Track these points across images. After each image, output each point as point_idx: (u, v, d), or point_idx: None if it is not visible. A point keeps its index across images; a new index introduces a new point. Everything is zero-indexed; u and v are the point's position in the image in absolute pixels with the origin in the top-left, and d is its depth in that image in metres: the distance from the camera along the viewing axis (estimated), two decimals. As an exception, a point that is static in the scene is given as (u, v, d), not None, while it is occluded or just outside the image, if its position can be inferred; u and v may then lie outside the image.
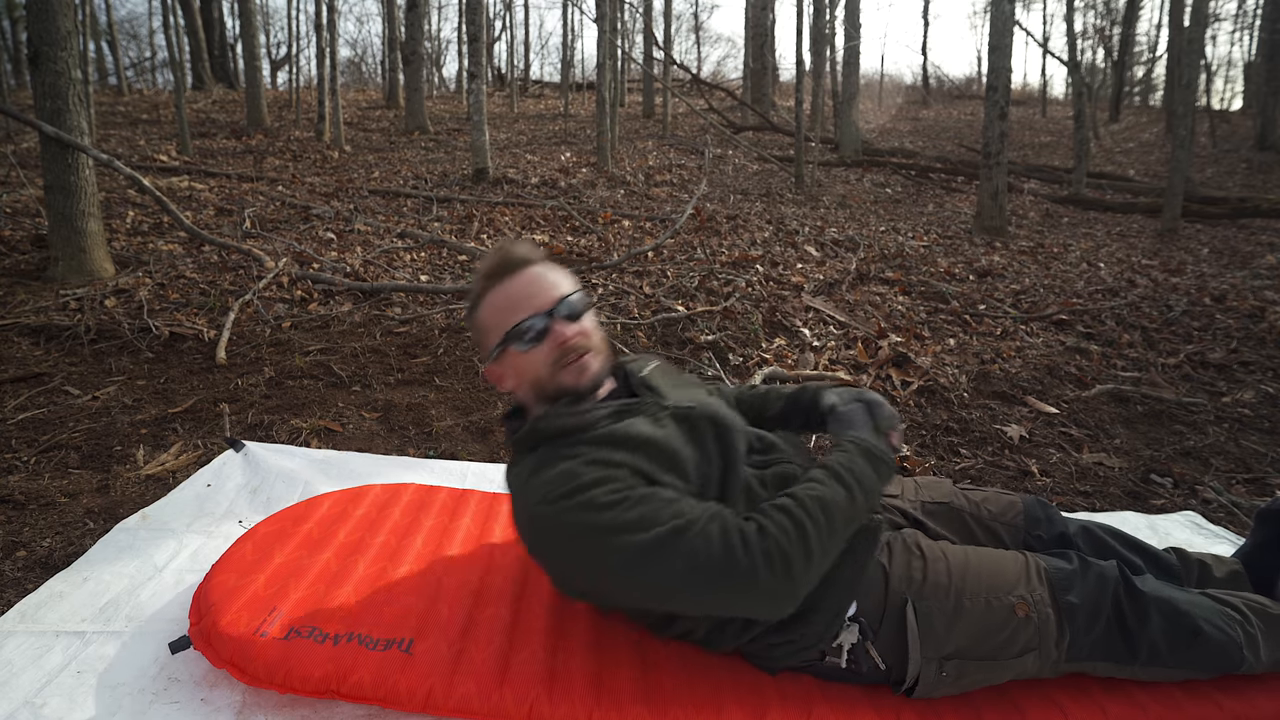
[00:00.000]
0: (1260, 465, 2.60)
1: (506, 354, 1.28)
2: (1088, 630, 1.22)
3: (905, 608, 1.20)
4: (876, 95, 26.35)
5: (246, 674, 1.22)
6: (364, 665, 1.22)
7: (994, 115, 7.24)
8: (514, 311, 1.27)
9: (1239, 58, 28.65)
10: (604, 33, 8.85)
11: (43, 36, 3.85)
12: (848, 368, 3.35)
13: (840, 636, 1.21)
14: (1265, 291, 5.06)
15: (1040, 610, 1.21)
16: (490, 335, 1.30)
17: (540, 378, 1.28)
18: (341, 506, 1.74)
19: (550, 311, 1.27)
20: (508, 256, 1.32)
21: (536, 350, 1.26)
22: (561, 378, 1.27)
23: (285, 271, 4.27)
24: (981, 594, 1.22)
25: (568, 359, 1.27)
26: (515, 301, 1.28)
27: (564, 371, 1.27)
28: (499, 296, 1.29)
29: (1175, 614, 1.23)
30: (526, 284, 1.29)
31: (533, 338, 1.26)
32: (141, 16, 41.94)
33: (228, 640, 1.26)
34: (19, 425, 2.50)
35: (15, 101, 11.44)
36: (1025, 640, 1.20)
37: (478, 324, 1.33)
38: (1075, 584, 1.24)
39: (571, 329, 1.27)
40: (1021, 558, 1.30)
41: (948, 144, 14.57)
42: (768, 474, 1.28)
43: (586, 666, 1.25)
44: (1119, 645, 1.23)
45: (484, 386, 3.05)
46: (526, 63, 24.57)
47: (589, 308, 1.35)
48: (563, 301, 1.28)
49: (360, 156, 9.78)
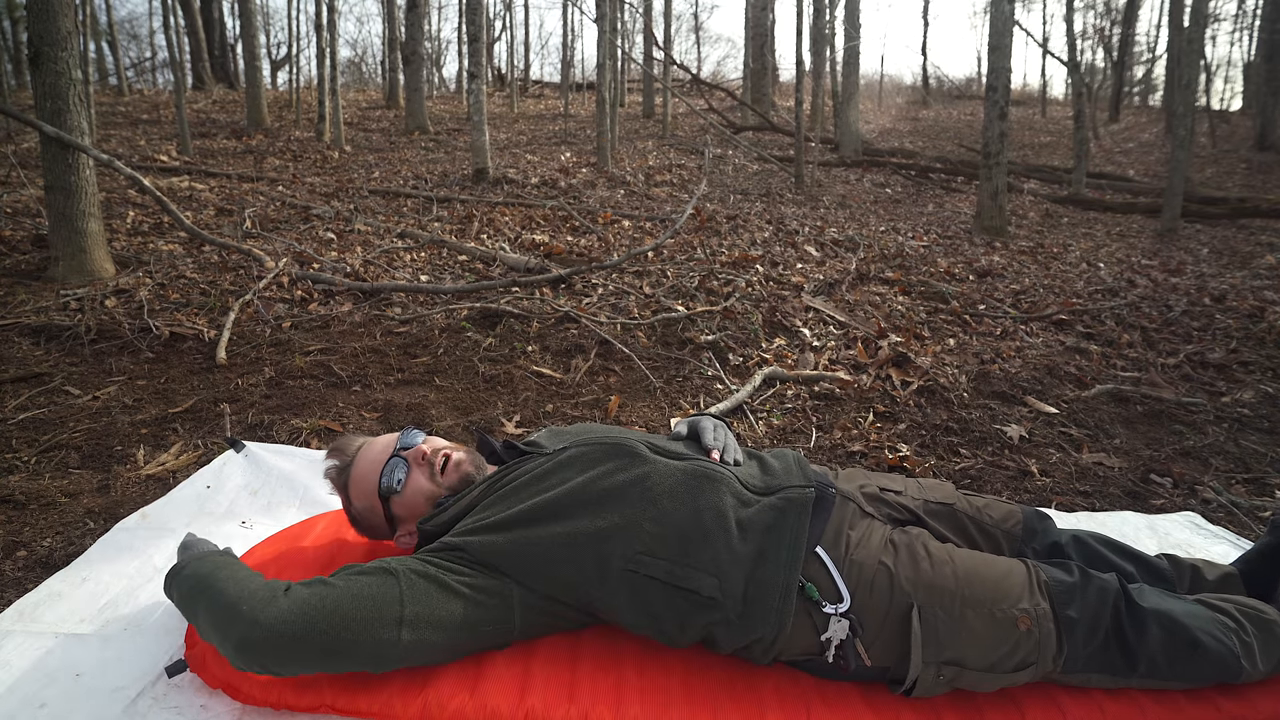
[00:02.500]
0: (1260, 465, 2.60)
1: (393, 510, 1.42)
2: (1085, 644, 1.21)
3: (911, 612, 1.19)
4: (876, 95, 26.34)
5: (241, 694, 1.22)
6: (358, 680, 1.21)
7: (994, 115, 7.24)
8: (372, 477, 1.42)
9: (1239, 58, 28.62)
10: (604, 33, 8.85)
11: (43, 36, 3.85)
12: (848, 368, 3.35)
13: (829, 630, 1.20)
14: (1265, 291, 5.06)
15: (1042, 625, 1.20)
16: (375, 512, 1.43)
17: (430, 496, 1.40)
18: (338, 525, 1.74)
19: (398, 449, 1.43)
20: (335, 456, 1.50)
21: (412, 486, 1.40)
22: (449, 479, 1.41)
23: (285, 271, 4.27)
24: (986, 604, 1.21)
25: (443, 465, 1.42)
26: (366, 473, 1.43)
27: (446, 475, 1.41)
28: (354, 481, 1.45)
29: (1174, 626, 1.22)
30: (364, 457, 1.46)
31: (400, 480, 1.40)
32: (141, 16, 41.95)
33: (222, 662, 1.25)
34: (19, 425, 2.50)
35: (15, 101, 11.43)
36: (1024, 654, 1.19)
37: (363, 516, 1.46)
38: (1076, 598, 1.22)
39: (416, 451, 1.42)
40: (1023, 568, 1.28)
41: (948, 144, 14.57)
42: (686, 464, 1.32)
43: (582, 670, 1.25)
44: (1117, 659, 1.22)
45: (484, 386, 3.05)
46: (526, 63, 24.57)
47: (421, 435, 1.48)
48: (404, 437, 1.45)
49: (360, 156, 9.78)
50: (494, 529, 1.24)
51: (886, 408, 2.95)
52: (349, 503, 1.47)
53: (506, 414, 2.78)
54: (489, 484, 1.35)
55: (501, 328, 3.70)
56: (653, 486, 1.25)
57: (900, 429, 2.77)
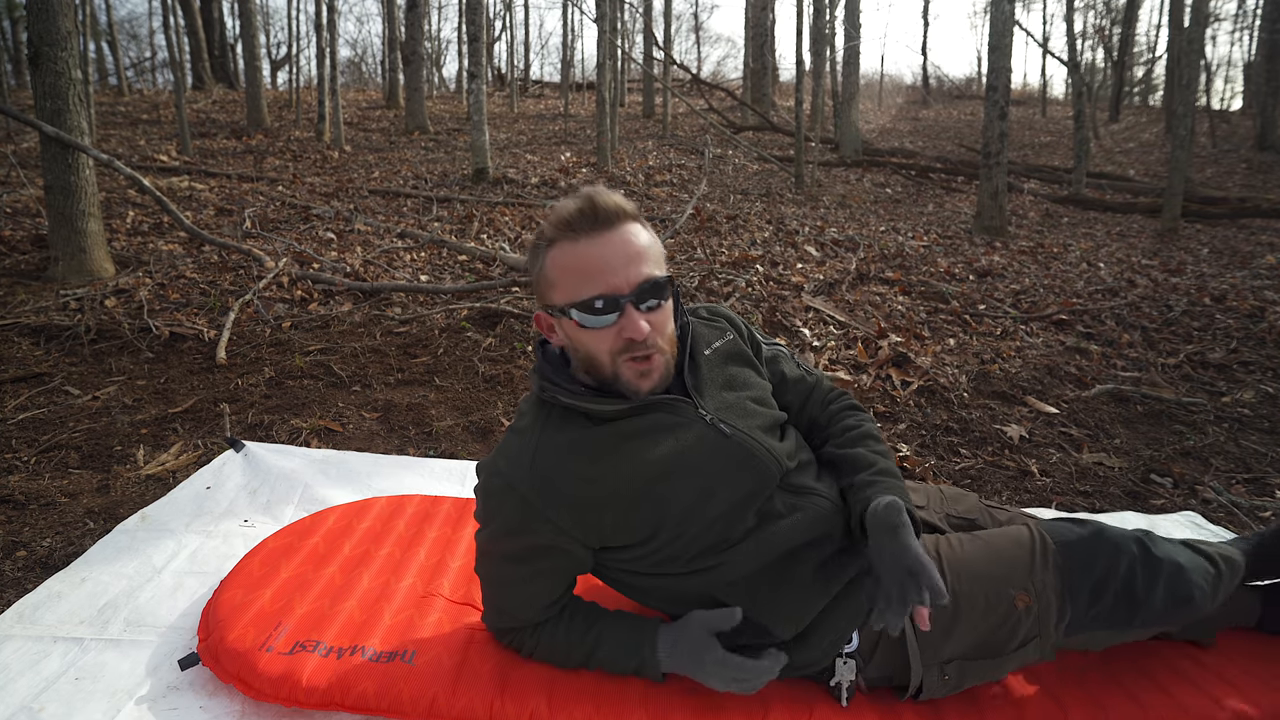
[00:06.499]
0: (1260, 465, 2.60)
1: (565, 318, 1.12)
2: (1091, 605, 1.20)
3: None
4: (876, 95, 26.34)
5: (252, 689, 1.22)
6: (368, 677, 1.22)
7: (994, 115, 7.23)
8: (588, 280, 1.09)
9: (1239, 58, 28.64)
10: (604, 33, 8.84)
11: (43, 36, 3.85)
12: (848, 368, 3.35)
13: (838, 674, 1.19)
14: (1265, 291, 5.05)
15: (1043, 598, 1.19)
16: (554, 291, 1.12)
17: (595, 358, 1.13)
18: (347, 520, 1.75)
19: (631, 296, 1.09)
20: (597, 205, 1.09)
21: (602, 333, 1.10)
22: (621, 371, 1.12)
23: (285, 271, 4.26)
24: (980, 594, 1.20)
25: (634, 353, 1.11)
26: (593, 268, 1.08)
27: (625, 366, 1.12)
28: (575, 254, 1.09)
29: (1179, 581, 1.22)
30: (611, 250, 1.09)
31: (603, 320, 1.09)
32: (141, 16, 41.96)
33: (234, 656, 1.26)
34: (19, 425, 2.50)
35: (15, 101, 11.43)
36: (1026, 630, 1.19)
37: (543, 270, 1.13)
38: (1084, 555, 1.21)
39: (646, 325, 1.09)
40: (1029, 538, 1.24)
41: (948, 144, 14.57)
42: (798, 517, 1.19)
43: (587, 674, 1.25)
44: (1121, 613, 1.21)
45: (484, 386, 3.05)
46: (526, 63, 24.57)
47: (671, 295, 1.16)
48: (647, 286, 1.09)
49: (360, 156, 9.78)
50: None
51: (886, 408, 2.94)
52: (544, 249, 1.15)
53: (506, 414, 2.78)
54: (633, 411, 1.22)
55: (501, 328, 3.70)
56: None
57: (900, 429, 2.77)
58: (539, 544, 1.15)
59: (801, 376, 1.40)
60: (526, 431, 1.17)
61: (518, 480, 1.13)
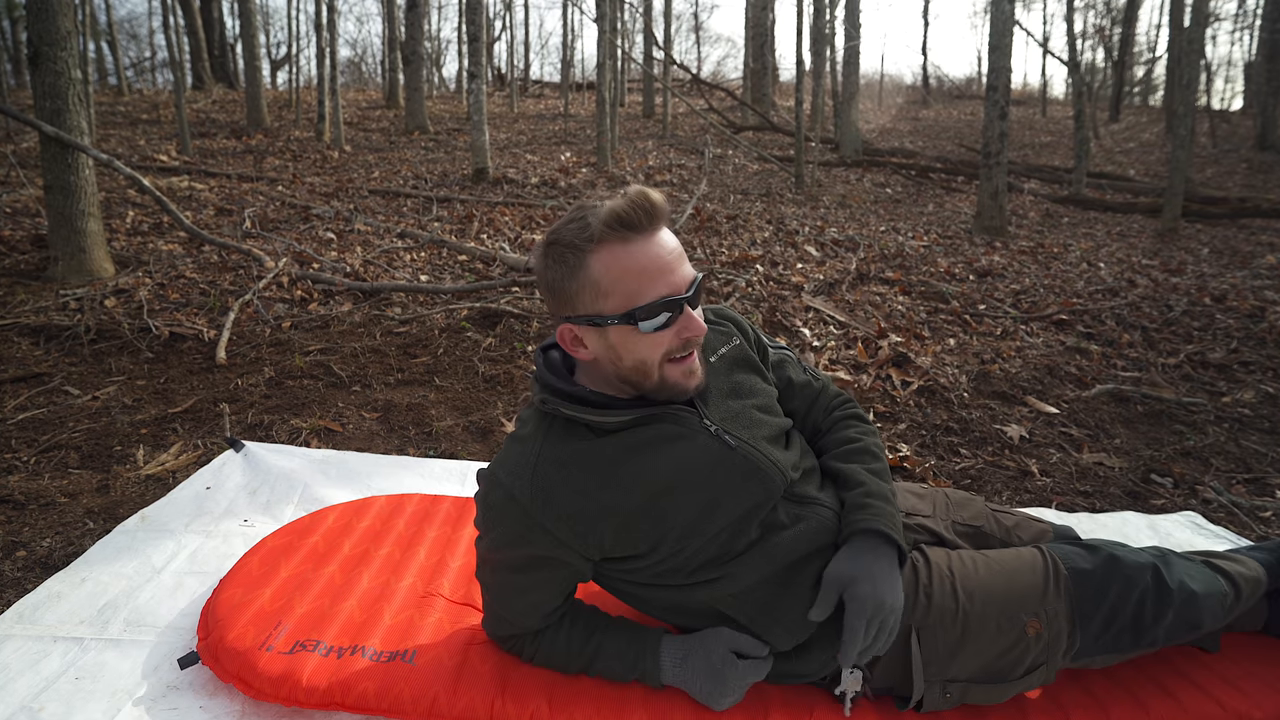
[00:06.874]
0: (1260, 465, 2.60)
1: (620, 326, 1.05)
2: (1100, 635, 1.19)
3: (910, 635, 1.17)
4: (876, 95, 26.34)
5: (252, 688, 1.22)
6: (368, 677, 1.22)
7: (994, 115, 7.23)
8: (651, 282, 1.03)
9: (1239, 58, 28.64)
10: (604, 33, 8.84)
11: (43, 36, 3.84)
12: (848, 368, 3.35)
13: (844, 683, 1.18)
14: (1265, 291, 5.05)
15: (1054, 625, 1.17)
16: (605, 299, 1.04)
17: (645, 365, 1.08)
18: (346, 519, 1.75)
19: (689, 294, 1.06)
20: (653, 201, 1.03)
21: (661, 335, 1.06)
22: (666, 374, 1.09)
23: (285, 271, 4.26)
24: (991, 617, 1.17)
25: (685, 352, 1.09)
26: (654, 269, 1.03)
27: (670, 368, 1.09)
28: (632, 256, 1.03)
29: (1189, 610, 1.20)
30: (666, 249, 1.04)
31: (664, 321, 1.04)
32: (141, 16, 41.95)
33: (234, 655, 1.26)
34: (19, 425, 2.50)
35: (15, 101, 11.43)
36: (1034, 657, 1.17)
37: (587, 277, 1.04)
38: (1096, 588, 1.20)
39: (697, 320, 1.08)
40: (1042, 564, 1.23)
41: (948, 144, 14.57)
42: (801, 528, 1.18)
43: (588, 675, 1.25)
44: (1126, 640, 1.20)
45: (484, 386, 3.05)
46: (526, 63, 24.57)
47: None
48: (697, 282, 1.08)
49: (360, 156, 9.78)
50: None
51: (886, 408, 2.94)
52: (587, 251, 1.06)
53: (506, 414, 2.77)
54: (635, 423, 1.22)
55: (501, 328, 3.69)
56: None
57: (900, 429, 2.77)
58: (538, 555, 1.14)
59: (808, 382, 1.38)
60: (528, 441, 1.15)
61: (518, 491, 1.11)
